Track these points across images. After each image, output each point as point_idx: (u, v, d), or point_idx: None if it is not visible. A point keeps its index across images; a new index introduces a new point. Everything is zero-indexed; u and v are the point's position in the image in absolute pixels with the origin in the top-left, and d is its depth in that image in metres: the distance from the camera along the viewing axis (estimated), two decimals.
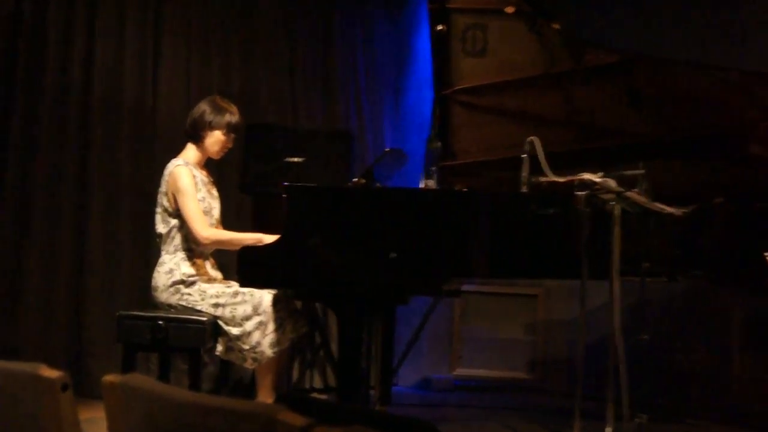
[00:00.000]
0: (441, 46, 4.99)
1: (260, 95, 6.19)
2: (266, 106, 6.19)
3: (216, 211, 4.82)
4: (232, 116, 4.75)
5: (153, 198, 4.81)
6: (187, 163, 4.70)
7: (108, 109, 5.82)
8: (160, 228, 4.70)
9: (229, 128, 4.75)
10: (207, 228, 4.62)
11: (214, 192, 4.87)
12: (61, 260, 5.67)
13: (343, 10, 6.51)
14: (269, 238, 4.48)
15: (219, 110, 4.73)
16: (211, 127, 4.72)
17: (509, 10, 4.84)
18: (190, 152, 4.77)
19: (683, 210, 4.35)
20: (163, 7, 6.00)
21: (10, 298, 5.58)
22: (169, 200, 4.66)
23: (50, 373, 1.98)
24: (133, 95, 5.89)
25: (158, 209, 4.72)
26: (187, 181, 4.62)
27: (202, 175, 4.77)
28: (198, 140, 4.75)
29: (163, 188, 4.70)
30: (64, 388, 1.98)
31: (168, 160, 4.77)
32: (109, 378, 1.94)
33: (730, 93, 4.66)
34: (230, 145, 4.83)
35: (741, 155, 4.68)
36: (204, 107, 4.75)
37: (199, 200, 4.66)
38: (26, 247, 5.61)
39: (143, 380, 1.90)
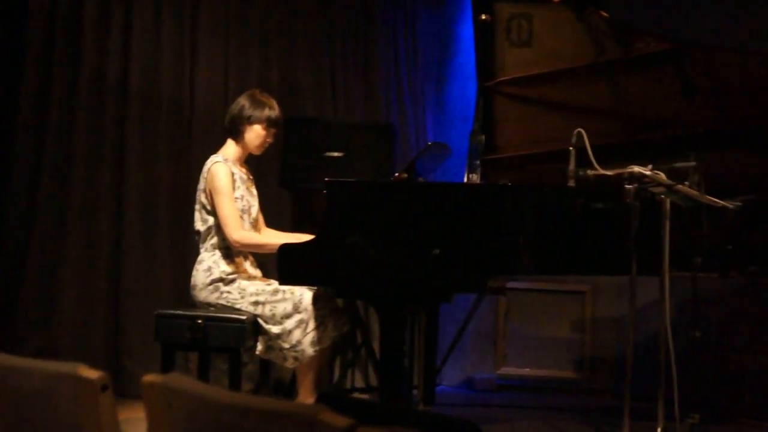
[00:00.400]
0: (485, 36, 4.93)
1: (299, 88, 6.11)
2: (305, 100, 6.11)
3: (254, 210, 4.78)
4: (272, 110, 4.69)
5: (190, 196, 4.77)
6: (226, 160, 4.65)
7: (145, 104, 5.78)
8: (199, 225, 4.66)
9: (269, 122, 4.69)
10: (239, 230, 4.56)
11: (253, 190, 4.83)
12: (99, 259, 5.64)
13: (383, 1, 6.42)
14: (305, 239, 4.40)
15: (258, 104, 4.68)
16: (251, 121, 4.66)
17: None
18: (230, 149, 4.72)
19: (736, 203, 4.25)
20: (200, 1, 5.94)
21: (49, 297, 5.57)
22: (207, 197, 4.61)
23: (90, 373, 1.99)
24: (169, 91, 5.84)
25: (197, 206, 4.68)
26: (225, 180, 4.57)
27: (241, 173, 4.71)
28: (237, 136, 4.70)
29: (201, 185, 4.66)
30: (104, 388, 2.01)
31: (205, 157, 4.73)
32: (149, 378, 1.93)
33: None
34: (271, 140, 4.78)
35: None
36: (243, 102, 4.70)
37: (237, 198, 4.61)
38: (63, 245, 5.59)
39: (183, 380, 1.88)
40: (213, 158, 4.68)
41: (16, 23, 5.65)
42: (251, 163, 4.99)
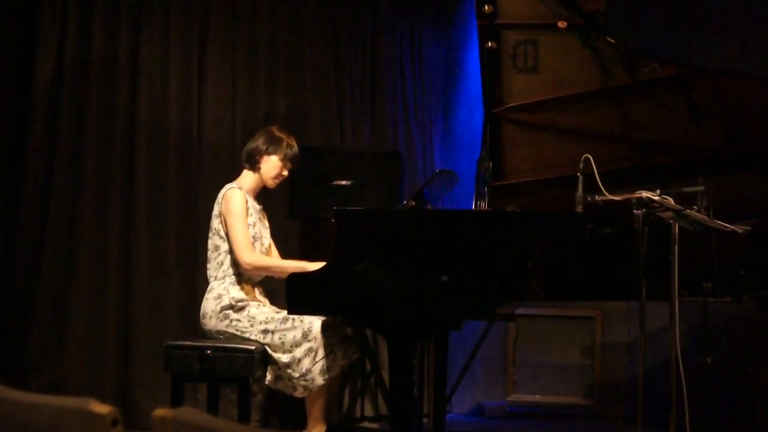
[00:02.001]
0: (491, 63, 4.93)
1: (307, 117, 6.12)
2: (313, 128, 6.12)
3: (266, 240, 4.82)
4: (290, 148, 4.81)
5: (198, 226, 4.79)
6: (241, 188, 4.68)
7: (153, 135, 5.80)
8: (211, 252, 4.69)
9: (287, 157, 4.78)
10: (251, 253, 4.60)
11: (266, 222, 4.88)
12: (108, 290, 5.65)
13: (390, 29, 6.43)
14: (314, 266, 4.42)
15: (276, 140, 4.80)
16: (269, 152, 4.74)
17: (562, 24, 4.79)
18: (246, 179, 4.79)
19: (745, 227, 4.23)
20: (208, 31, 5.97)
21: (58, 328, 5.57)
22: (221, 222, 4.66)
23: (100, 408, 1.96)
24: (178, 121, 5.86)
25: (210, 233, 4.71)
26: (239, 204, 4.63)
27: (254, 203, 4.75)
28: (254, 166, 4.76)
29: (215, 211, 4.72)
30: (115, 423, 1.97)
31: (214, 187, 4.79)
32: (160, 412, 1.91)
33: None
34: (286, 175, 4.84)
35: None
36: (261, 136, 4.81)
37: (250, 225, 4.65)
38: (73, 276, 5.60)
39: (194, 414, 1.87)
40: (228, 185, 4.75)
41: (25, 57, 5.69)
42: (261, 193, 5.00)
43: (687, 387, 3.95)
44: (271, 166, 4.76)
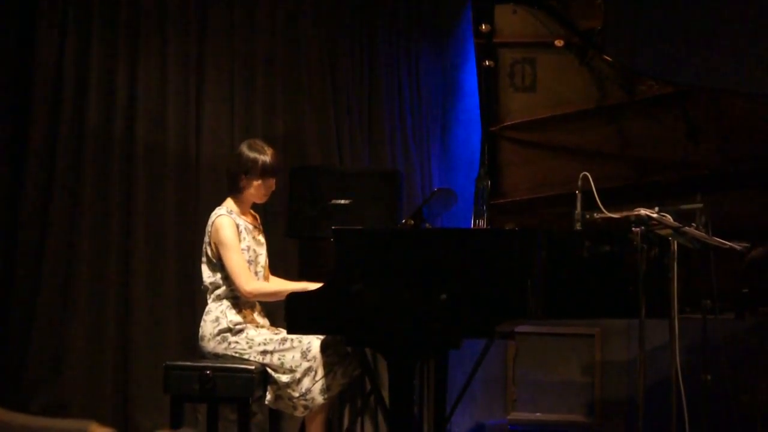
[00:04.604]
0: (489, 81, 4.95)
1: (305, 137, 6.13)
2: (311, 148, 6.13)
3: (262, 258, 4.77)
4: (265, 157, 4.65)
5: (197, 245, 4.80)
6: (230, 212, 4.65)
7: (151, 156, 5.82)
8: (206, 278, 4.67)
9: (265, 172, 4.66)
10: (251, 282, 4.57)
11: (261, 238, 4.81)
12: (107, 311, 5.67)
13: (387, 48, 6.45)
14: (314, 287, 4.41)
15: (250, 156, 4.65)
16: (248, 176, 4.65)
17: (558, 43, 4.82)
18: (234, 201, 4.73)
19: (744, 244, 4.24)
20: (205, 52, 6.00)
21: (57, 350, 5.57)
22: (212, 250, 4.62)
23: (101, 430, 1.96)
24: (176, 141, 5.88)
25: (203, 259, 4.68)
26: (230, 233, 4.57)
27: (246, 222, 4.71)
28: (237, 191, 4.69)
29: (206, 238, 4.68)
30: None
31: (212, 207, 4.74)
32: None
33: None
34: (273, 188, 4.77)
35: None
36: (237, 156, 4.71)
37: (244, 249, 4.61)
38: (72, 297, 5.60)
39: None
40: (217, 211, 4.67)
41: (22, 76, 5.71)
42: (257, 211, 4.99)
43: (687, 405, 3.97)
44: (254, 188, 4.68)
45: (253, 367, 4.42)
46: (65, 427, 2.08)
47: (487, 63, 4.91)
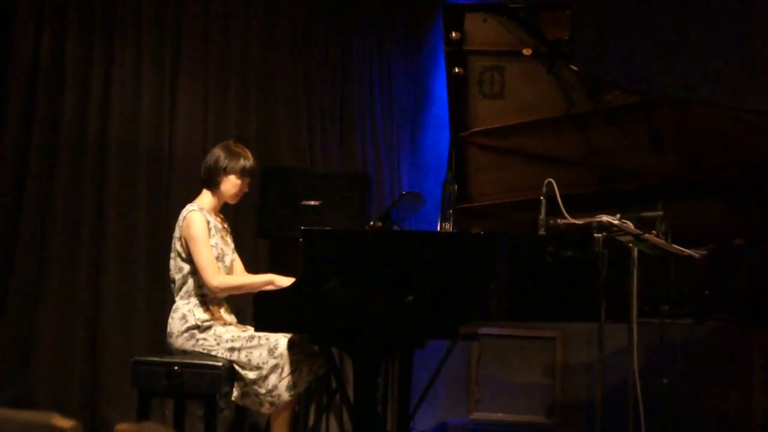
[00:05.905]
0: (458, 88, 4.98)
1: (277, 138, 6.18)
2: (283, 150, 6.18)
3: (228, 258, 4.81)
4: (246, 160, 4.76)
5: (168, 244, 4.81)
6: (201, 209, 4.70)
7: (125, 155, 5.83)
8: (174, 273, 4.70)
9: (244, 172, 4.76)
10: (218, 276, 4.61)
11: (228, 239, 4.86)
12: (77, 306, 5.66)
13: (360, 53, 6.52)
14: (281, 279, 4.55)
15: (233, 155, 4.74)
16: (226, 172, 4.73)
17: (527, 51, 4.83)
18: (206, 198, 4.78)
19: (701, 252, 4.31)
20: (180, 53, 6.03)
21: (25, 344, 5.56)
22: (182, 245, 4.66)
23: (63, 422, 1.99)
24: (149, 142, 5.90)
25: (172, 254, 4.72)
26: (200, 228, 4.62)
27: (216, 221, 4.76)
28: (213, 186, 4.75)
29: (176, 233, 4.71)
30: None
31: (183, 205, 4.76)
32: (123, 426, 1.93)
33: (753, 133, 4.63)
34: (246, 190, 4.84)
35: (763, 196, 4.65)
36: (218, 153, 4.77)
37: (212, 245, 4.65)
38: (41, 292, 5.60)
39: (157, 428, 1.89)
40: (189, 207, 4.72)
41: None
42: (228, 212, 5.04)
43: (644, 406, 4.01)
44: (230, 185, 4.75)
45: (220, 364, 4.45)
46: (28, 419, 2.09)
47: (456, 70, 4.93)
